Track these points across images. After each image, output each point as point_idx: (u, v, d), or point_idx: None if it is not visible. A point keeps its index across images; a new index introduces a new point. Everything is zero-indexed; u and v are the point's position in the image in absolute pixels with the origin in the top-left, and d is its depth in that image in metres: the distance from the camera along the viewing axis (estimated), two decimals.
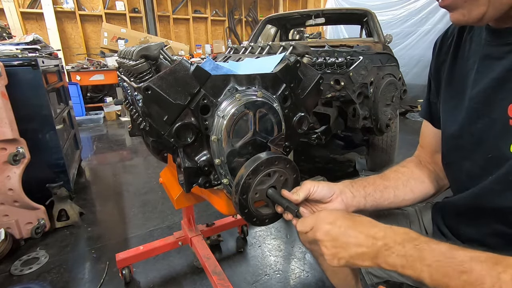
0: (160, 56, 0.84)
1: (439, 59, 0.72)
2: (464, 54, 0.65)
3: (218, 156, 0.75)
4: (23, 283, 1.46)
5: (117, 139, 4.07)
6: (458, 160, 0.65)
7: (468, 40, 0.65)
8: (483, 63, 0.59)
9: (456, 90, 0.66)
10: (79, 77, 4.84)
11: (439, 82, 0.72)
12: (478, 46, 0.61)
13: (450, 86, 0.68)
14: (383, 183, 0.75)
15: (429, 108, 0.77)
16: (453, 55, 0.67)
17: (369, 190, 0.73)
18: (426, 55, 5.22)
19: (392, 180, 0.76)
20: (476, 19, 0.50)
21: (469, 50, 0.64)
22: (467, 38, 0.65)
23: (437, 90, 0.74)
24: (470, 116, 0.60)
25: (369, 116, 1.74)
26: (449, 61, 0.68)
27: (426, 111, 0.79)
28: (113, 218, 2.12)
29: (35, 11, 5.00)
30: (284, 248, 1.72)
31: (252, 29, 7.15)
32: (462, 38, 0.66)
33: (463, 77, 0.64)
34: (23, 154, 1.65)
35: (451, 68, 0.68)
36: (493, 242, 0.60)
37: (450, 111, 0.68)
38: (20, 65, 1.78)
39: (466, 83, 0.62)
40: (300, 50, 0.90)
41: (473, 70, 0.61)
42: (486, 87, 0.57)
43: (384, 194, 0.74)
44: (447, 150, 0.70)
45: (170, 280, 1.49)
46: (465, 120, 0.61)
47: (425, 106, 0.79)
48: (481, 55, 0.59)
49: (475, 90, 0.59)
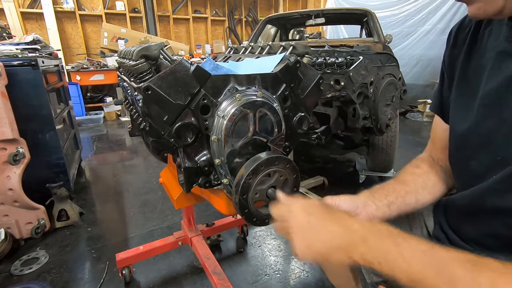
0: (160, 56, 0.84)
1: (453, 52, 0.67)
2: (480, 49, 0.60)
3: (218, 156, 0.75)
4: (23, 283, 1.46)
5: (117, 139, 4.07)
6: (465, 159, 0.63)
7: (486, 34, 0.60)
8: (498, 60, 0.55)
9: (468, 87, 0.62)
10: (79, 77, 4.84)
11: (452, 76, 0.67)
12: (495, 41, 0.57)
13: (463, 82, 0.64)
14: (403, 188, 0.73)
15: (441, 102, 0.73)
16: (468, 49, 0.63)
17: (391, 198, 0.70)
18: (426, 55, 5.22)
19: (411, 184, 0.74)
20: (494, 12, 0.47)
21: (486, 44, 0.59)
22: (485, 31, 0.60)
23: (449, 84, 0.69)
24: (480, 115, 0.57)
25: (369, 116, 1.74)
26: (464, 55, 0.64)
27: (437, 105, 0.74)
28: (113, 218, 2.12)
29: (35, 11, 5.00)
30: (284, 248, 1.72)
31: (252, 29, 7.15)
32: (479, 31, 0.61)
33: (477, 73, 0.59)
34: (23, 154, 1.65)
35: (465, 62, 0.63)
36: (491, 243, 0.59)
37: (460, 108, 0.64)
38: (20, 65, 1.78)
39: (479, 79, 0.58)
40: (300, 50, 0.90)
41: (488, 67, 0.57)
42: (498, 86, 0.54)
43: (406, 199, 0.71)
44: (453, 148, 0.67)
45: (170, 280, 1.49)
46: (474, 119, 0.58)
47: (436, 99, 0.74)
48: (497, 51, 0.56)
49: (487, 88, 0.56)
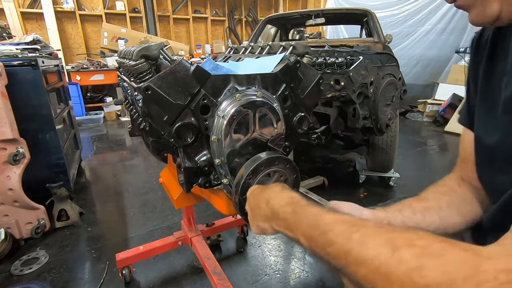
0: (160, 56, 0.84)
1: (476, 58, 0.64)
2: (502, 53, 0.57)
3: (218, 156, 0.75)
4: (23, 283, 1.46)
5: (117, 139, 4.07)
6: (492, 174, 0.58)
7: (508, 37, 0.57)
8: None
9: (490, 94, 0.58)
10: (79, 77, 4.84)
11: (476, 84, 0.64)
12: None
13: (485, 88, 0.61)
14: (421, 204, 0.65)
15: (469, 113, 0.66)
16: (489, 54, 0.60)
17: (406, 213, 0.64)
18: (426, 55, 5.23)
19: (432, 201, 0.66)
20: (492, 18, 0.47)
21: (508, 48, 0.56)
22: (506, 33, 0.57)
23: (474, 94, 0.65)
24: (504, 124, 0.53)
25: (369, 116, 1.74)
26: (485, 60, 0.61)
27: (466, 117, 0.68)
28: (113, 218, 2.12)
29: (35, 11, 5.00)
30: (284, 248, 1.72)
31: (252, 29, 7.15)
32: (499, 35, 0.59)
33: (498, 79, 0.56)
34: (23, 154, 1.65)
35: (486, 68, 0.61)
36: None
37: (484, 117, 0.60)
38: (20, 65, 1.78)
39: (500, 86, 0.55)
40: (300, 50, 0.90)
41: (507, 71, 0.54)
42: None
43: (427, 217, 0.63)
44: (481, 162, 0.62)
45: (170, 280, 1.49)
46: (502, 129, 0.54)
47: (464, 111, 0.69)
48: None
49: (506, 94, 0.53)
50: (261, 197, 0.61)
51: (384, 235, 0.37)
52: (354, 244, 0.38)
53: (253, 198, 0.64)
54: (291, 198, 0.55)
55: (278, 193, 0.58)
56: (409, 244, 0.34)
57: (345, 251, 0.39)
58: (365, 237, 0.38)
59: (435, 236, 0.35)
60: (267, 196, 0.60)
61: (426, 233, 0.35)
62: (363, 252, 0.37)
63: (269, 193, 0.60)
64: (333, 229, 0.42)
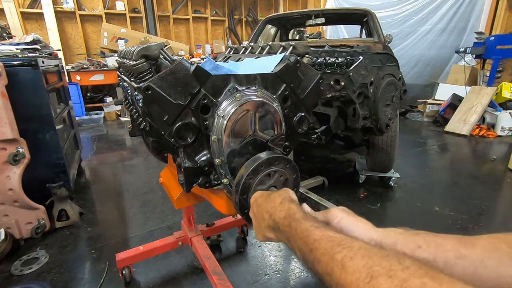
0: (160, 56, 0.84)
1: None
2: None
3: (218, 156, 0.75)
4: (23, 283, 1.46)
5: (117, 139, 4.07)
6: None
7: None
8: None
9: None
10: (79, 77, 4.84)
11: None
12: None
13: None
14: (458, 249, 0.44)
15: None
16: None
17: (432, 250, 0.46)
18: (426, 55, 5.23)
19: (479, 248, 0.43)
20: None
21: None
22: None
23: None
24: None
25: (369, 116, 1.74)
26: None
27: None
28: (113, 218, 2.12)
29: (35, 11, 5.00)
30: (284, 248, 1.72)
31: (252, 29, 7.15)
32: None
33: None
34: (23, 154, 1.65)
35: None
36: None
37: None
38: (20, 65, 1.78)
39: None
40: (300, 50, 0.90)
41: None
42: None
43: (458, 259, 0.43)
44: None
45: (170, 280, 1.49)
46: None
47: None
48: None
49: None
50: (264, 208, 0.62)
51: (365, 260, 0.36)
52: (335, 266, 0.38)
53: (257, 208, 0.64)
54: (288, 210, 0.55)
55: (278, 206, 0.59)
56: (388, 274, 0.32)
57: (328, 271, 0.39)
58: (346, 259, 0.38)
59: (420, 267, 0.32)
60: (269, 207, 0.60)
61: (412, 262, 0.33)
62: (342, 276, 0.37)
63: (272, 205, 0.60)
64: (319, 247, 0.43)
